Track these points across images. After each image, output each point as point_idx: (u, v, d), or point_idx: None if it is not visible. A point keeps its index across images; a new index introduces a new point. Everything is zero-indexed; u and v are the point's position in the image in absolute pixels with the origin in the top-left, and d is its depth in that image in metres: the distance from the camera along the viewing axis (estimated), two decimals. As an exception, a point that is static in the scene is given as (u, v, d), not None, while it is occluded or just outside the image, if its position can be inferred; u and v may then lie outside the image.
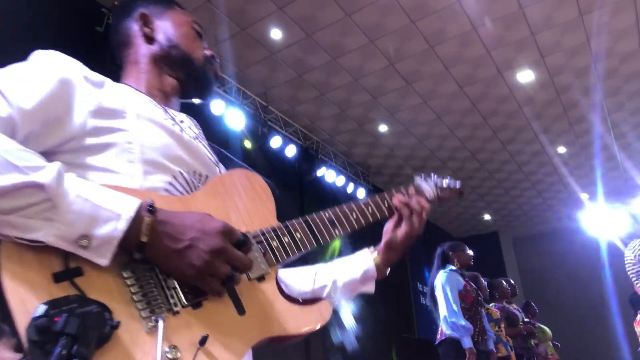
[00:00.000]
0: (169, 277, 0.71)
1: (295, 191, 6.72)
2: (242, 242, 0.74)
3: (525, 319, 5.33)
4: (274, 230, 0.88)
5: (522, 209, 10.11)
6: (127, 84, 0.99)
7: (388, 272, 1.13)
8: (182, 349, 0.65)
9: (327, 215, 0.99)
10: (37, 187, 0.63)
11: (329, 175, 6.95)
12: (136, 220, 0.67)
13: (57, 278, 0.62)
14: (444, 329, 3.72)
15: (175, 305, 0.69)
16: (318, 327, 0.80)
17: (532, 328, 5.16)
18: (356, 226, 1.03)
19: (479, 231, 11.24)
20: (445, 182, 1.29)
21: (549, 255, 10.24)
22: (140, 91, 0.97)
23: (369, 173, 8.13)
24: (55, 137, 0.77)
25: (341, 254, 1.15)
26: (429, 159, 7.88)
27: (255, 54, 5.39)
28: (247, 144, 5.86)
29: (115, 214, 0.66)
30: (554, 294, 9.38)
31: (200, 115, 1.11)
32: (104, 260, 0.65)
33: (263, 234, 0.86)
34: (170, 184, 0.84)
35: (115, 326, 0.60)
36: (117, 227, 0.65)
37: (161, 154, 0.85)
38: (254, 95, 6.00)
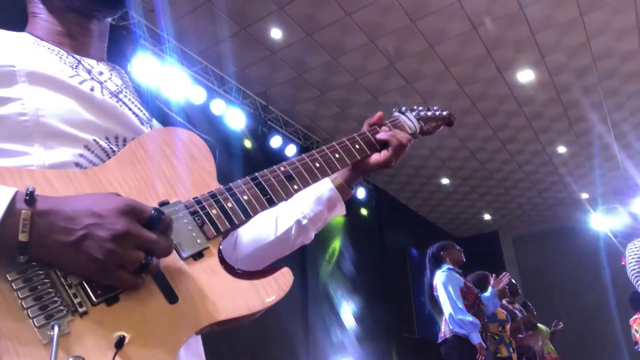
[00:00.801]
0: (69, 274, 0.58)
1: (295, 191, 6.71)
2: (155, 220, 0.60)
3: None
4: (213, 195, 0.73)
5: (522, 208, 10.11)
6: (28, 32, 0.82)
7: (353, 191, 1.02)
8: (92, 357, 0.53)
9: (282, 169, 0.84)
10: None
11: (329, 175, 6.95)
12: (9, 218, 0.52)
13: None
14: (449, 327, 3.70)
15: (81, 305, 0.56)
16: (273, 301, 0.69)
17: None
18: (319, 176, 0.88)
19: (479, 231, 11.25)
20: (429, 113, 1.16)
21: (549, 254, 10.25)
22: (42, 39, 0.80)
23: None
24: None
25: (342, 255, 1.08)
26: (429, 158, 7.89)
27: (255, 54, 5.39)
28: (247, 144, 5.87)
29: None
30: (554, 294, 9.38)
31: (200, 115, 1.06)
32: None
33: (198, 202, 0.71)
34: (82, 156, 0.71)
35: None
36: None
37: (65, 121, 0.71)
38: (254, 95, 6.01)
